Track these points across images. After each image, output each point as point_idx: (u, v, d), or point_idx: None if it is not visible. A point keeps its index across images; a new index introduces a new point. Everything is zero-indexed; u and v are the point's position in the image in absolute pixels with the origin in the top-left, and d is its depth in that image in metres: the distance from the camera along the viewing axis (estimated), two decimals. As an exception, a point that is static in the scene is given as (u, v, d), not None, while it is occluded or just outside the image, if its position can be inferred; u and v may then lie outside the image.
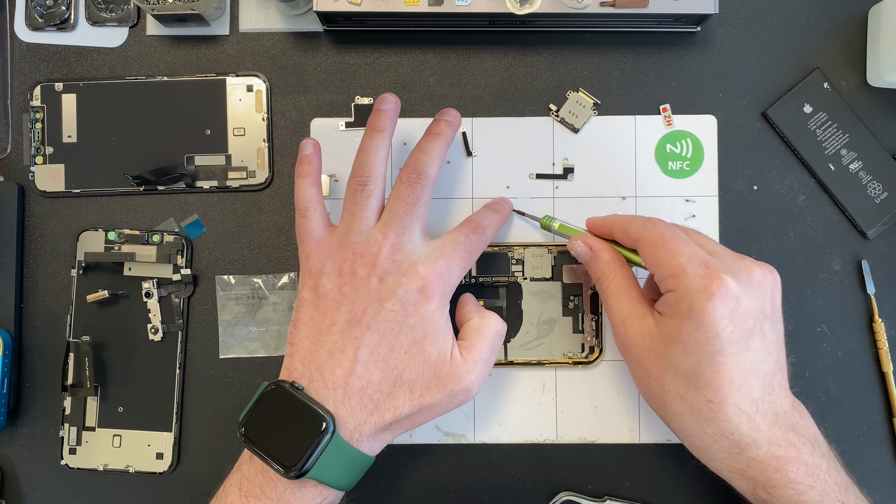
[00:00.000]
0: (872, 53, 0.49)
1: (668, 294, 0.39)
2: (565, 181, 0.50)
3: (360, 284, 0.41)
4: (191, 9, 0.47)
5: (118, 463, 0.48)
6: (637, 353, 0.41)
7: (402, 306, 0.40)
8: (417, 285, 0.40)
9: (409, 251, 0.41)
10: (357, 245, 0.41)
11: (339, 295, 0.41)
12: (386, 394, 0.40)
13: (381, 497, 0.49)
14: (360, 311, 0.40)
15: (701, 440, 0.40)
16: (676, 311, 0.39)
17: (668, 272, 0.39)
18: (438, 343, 0.41)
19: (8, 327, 0.49)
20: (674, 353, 0.39)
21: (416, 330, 0.40)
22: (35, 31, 0.50)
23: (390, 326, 0.40)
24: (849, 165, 0.49)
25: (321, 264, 0.42)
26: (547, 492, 0.49)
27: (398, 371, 0.40)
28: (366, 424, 0.40)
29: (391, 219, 0.42)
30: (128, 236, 0.49)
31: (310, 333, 0.41)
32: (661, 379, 0.40)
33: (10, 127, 0.50)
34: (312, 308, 0.42)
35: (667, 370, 0.39)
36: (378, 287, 0.40)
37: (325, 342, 0.40)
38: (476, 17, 0.46)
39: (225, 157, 0.50)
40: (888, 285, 0.49)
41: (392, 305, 0.40)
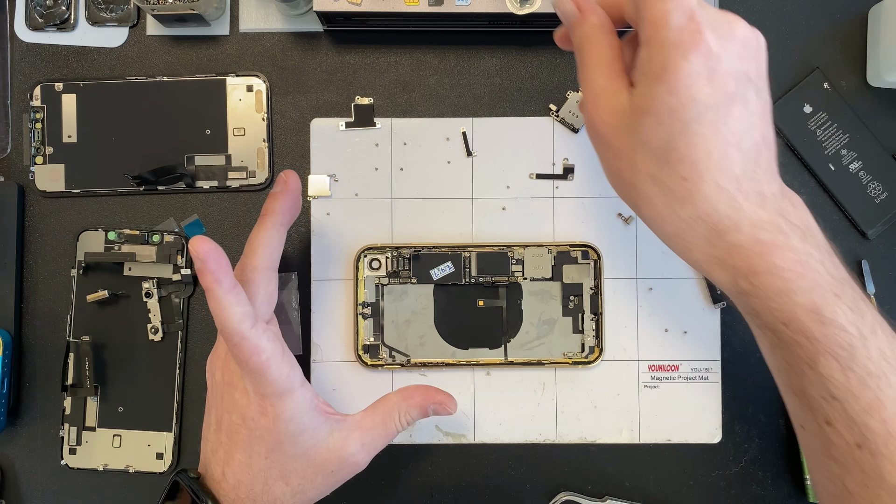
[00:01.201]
0: (872, 53, 0.49)
1: (640, 52, 0.34)
2: (565, 181, 0.50)
3: (217, 390, 0.41)
4: (191, 9, 0.47)
5: (118, 463, 0.48)
6: (606, 132, 0.36)
7: (243, 420, 0.39)
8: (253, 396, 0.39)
9: None
10: (218, 345, 0.42)
11: (211, 395, 0.42)
12: (260, 491, 0.40)
13: (382, 497, 0.49)
14: (220, 418, 0.41)
15: (675, 226, 0.35)
16: (648, 73, 0.33)
17: (650, 16, 0.33)
18: (300, 442, 0.40)
19: (8, 327, 0.49)
20: (645, 126, 0.34)
21: (267, 440, 0.39)
22: (35, 31, 0.50)
23: (241, 437, 0.40)
24: (849, 165, 0.49)
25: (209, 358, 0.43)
26: (547, 492, 0.49)
27: (265, 471, 0.40)
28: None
29: None
30: (128, 236, 0.49)
31: (204, 426, 0.43)
32: (630, 159, 0.35)
33: (10, 127, 0.50)
34: (207, 401, 0.43)
35: (637, 148, 0.34)
36: (226, 397, 0.40)
37: (209, 439, 0.42)
38: (476, 17, 0.46)
39: (225, 157, 0.50)
40: (888, 285, 0.49)
41: (235, 418, 0.40)
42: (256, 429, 0.39)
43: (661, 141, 0.34)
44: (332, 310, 0.49)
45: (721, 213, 0.34)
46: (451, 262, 0.49)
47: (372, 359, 0.49)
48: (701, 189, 0.33)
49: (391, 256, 0.49)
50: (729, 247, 0.34)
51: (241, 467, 0.40)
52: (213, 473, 0.41)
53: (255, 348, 0.37)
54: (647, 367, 0.49)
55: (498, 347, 0.49)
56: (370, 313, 0.49)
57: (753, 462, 0.49)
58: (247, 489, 0.40)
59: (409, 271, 0.49)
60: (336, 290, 0.49)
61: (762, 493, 0.49)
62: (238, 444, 0.40)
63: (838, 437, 0.34)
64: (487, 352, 0.49)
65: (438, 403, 0.44)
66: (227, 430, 0.40)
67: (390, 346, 0.49)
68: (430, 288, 0.49)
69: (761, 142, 0.34)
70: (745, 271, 0.34)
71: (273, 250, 0.41)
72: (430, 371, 0.49)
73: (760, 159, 0.34)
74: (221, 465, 0.40)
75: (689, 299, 0.49)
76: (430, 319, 0.49)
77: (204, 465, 0.42)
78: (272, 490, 0.40)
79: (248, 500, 0.40)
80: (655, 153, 0.34)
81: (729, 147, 0.33)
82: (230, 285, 0.37)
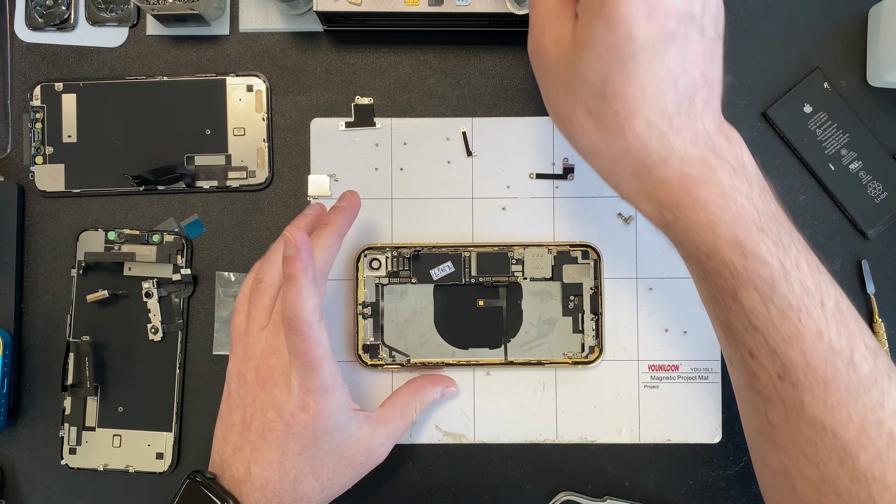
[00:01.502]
0: (872, 53, 0.49)
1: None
2: (565, 181, 0.50)
3: (247, 390, 0.41)
4: (191, 9, 0.47)
5: (118, 463, 0.48)
6: (548, 59, 0.36)
7: (280, 416, 0.40)
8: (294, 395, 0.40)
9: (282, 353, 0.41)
10: (248, 346, 0.42)
11: (237, 396, 0.42)
12: (289, 489, 0.40)
13: (382, 497, 0.49)
14: (248, 417, 0.41)
15: (608, 159, 0.35)
16: (588, 7, 0.33)
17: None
18: (336, 437, 0.41)
19: (8, 327, 0.49)
20: (583, 60, 0.34)
21: (304, 436, 0.40)
22: (35, 31, 0.50)
23: (276, 434, 0.40)
24: (849, 165, 0.49)
25: (230, 361, 0.43)
26: (547, 492, 0.49)
27: (296, 469, 0.40)
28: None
29: (275, 320, 0.41)
30: (128, 236, 0.49)
31: (221, 428, 0.42)
32: (569, 90, 0.35)
33: (10, 127, 0.50)
34: (225, 403, 0.43)
35: (575, 80, 0.34)
36: (260, 394, 0.41)
37: (229, 440, 0.41)
38: (476, 17, 0.46)
39: (225, 157, 0.50)
40: (888, 285, 0.49)
41: (271, 415, 0.40)
42: (294, 424, 0.40)
43: (597, 76, 0.34)
44: (332, 310, 0.49)
45: (650, 149, 0.34)
46: (451, 262, 0.49)
47: (372, 359, 0.49)
48: (632, 125, 0.34)
49: (391, 256, 0.49)
50: (656, 181, 0.35)
51: (271, 465, 0.40)
52: (234, 474, 0.41)
53: (317, 341, 0.39)
54: (647, 367, 0.49)
55: (498, 347, 0.49)
56: (370, 313, 0.49)
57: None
58: (275, 487, 0.40)
59: (409, 271, 0.49)
60: (336, 290, 0.49)
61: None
62: (271, 441, 0.40)
63: (761, 369, 0.35)
64: (487, 352, 0.49)
65: (444, 386, 0.47)
66: (257, 428, 0.40)
67: (390, 346, 0.49)
68: (430, 288, 0.49)
69: (700, 80, 0.34)
70: (670, 204, 0.35)
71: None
72: (430, 371, 0.49)
73: (698, 97, 0.34)
74: (247, 464, 0.40)
75: (689, 299, 0.49)
76: (430, 319, 0.49)
77: (221, 466, 0.41)
78: (301, 487, 0.40)
79: (274, 499, 0.40)
80: (591, 87, 0.34)
81: (664, 85, 0.33)
82: (312, 276, 0.38)
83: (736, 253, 0.34)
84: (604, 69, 0.33)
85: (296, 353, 0.39)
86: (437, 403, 0.49)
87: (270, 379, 0.40)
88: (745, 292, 0.34)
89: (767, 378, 0.35)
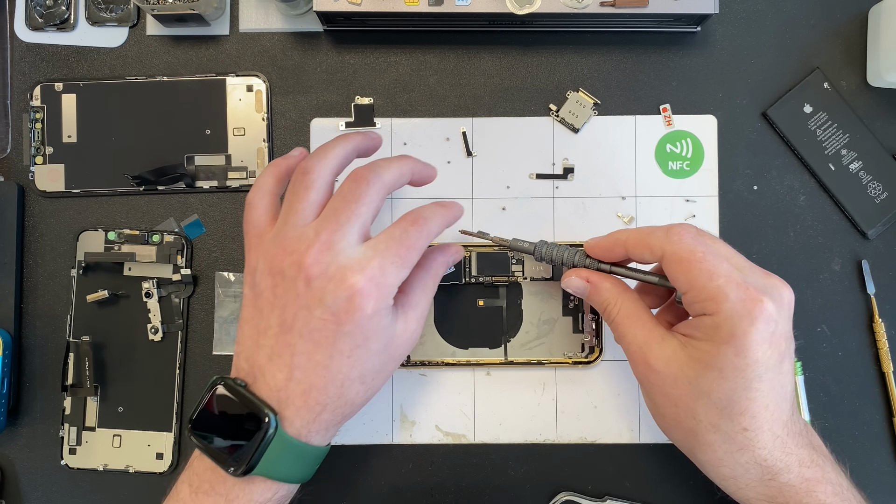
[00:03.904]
0: (872, 53, 0.49)
1: (703, 318, 0.37)
2: (565, 181, 0.50)
3: (288, 287, 0.37)
4: (191, 9, 0.47)
5: (118, 463, 0.48)
6: (661, 381, 0.38)
7: (333, 314, 0.37)
8: (347, 292, 0.36)
9: (340, 251, 0.37)
10: (288, 241, 0.38)
11: (272, 296, 0.38)
12: (334, 395, 0.38)
13: (382, 497, 0.49)
14: (290, 317, 0.37)
15: (732, 470, 0.38)
16: (714, 336, 0.36)
17: (706, 295, 0.37)
18: (383, 337, 0.38)
19: (8, 327, 0.49)
20: (707, 379, 0.37)
21: (355, 335, 0.37)
22: (35, 31, 0.50)
23: (324, 335, 0.37)
24: (849, 165, 0.49)
25: (256, 260, 0.39)
26: (547, 492, 0.49)
27: (343, 373, 0.38)
28: (315, 422, 0.38)
29: (326, 215, 0.38)
30: (128, 236, 0.49)
31: (251, 333, 0.39)
32: (690, 408, 0.38)
33: (10, 127, 0.50)
34: (252, 307, 0.39)
35: (698, 398, 0.37)
36: (306, 292, 0.37)
37: (264, 345, 0.38)
38: (476, 17, 0.46)
39: (225, 157, 0.50)
40: (888, 285, 0.49)
41: (322, 314, 0.37)
42: (348, 323, 0.37)
43: (723, 394, 0.37)
44: (332, 310, 0.49)
45: (776, 458, 0.37)
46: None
47: (372, 359, 0.48)
48: (760, 438, 0.37)
49: (391, 256, 0.49)
50: (781, 486, 0.38)
51: (316, 369, 0.37)
52: (271, 381, 0.37)
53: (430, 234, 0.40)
54: (647, 367, 0.49)
55: (498, 347, 0.49)
56: (370, 313, 0.49)
57: (753, 462, 0.49)
58: (319, 394, 0.37)
59: (409, 271, 0.49)
60: (336, 290, 0.49)
61: (762, 493, 0.49)
62: (318, 342, 0.37)
63: None
64: (487, 352, 0.49)
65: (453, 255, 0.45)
66: (301, 329, 0.37)
67: (390, 346, 0.49)
68: (430, 288, 0.49)
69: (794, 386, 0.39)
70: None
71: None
72: (430, 370, 0.49)
73: (794, 401, 0.39)
74: (287, 370, 0.37)
75: (689, 299, 0.49)
76: (430, 319, 0.49)
77: (252, 374, 0.38)
78: (347, 392, 0.38)
79: (317, 407, 0.38)
80: (717, 405, 0.37)
81: (781, 399, 0.37)
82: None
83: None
84: (731, 389, 0.36)
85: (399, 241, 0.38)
86: (437, 404, 0.49)
87: (324, 274, 0.37)
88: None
89: None
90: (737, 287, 0.36)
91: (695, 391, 0.37)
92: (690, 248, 0.37)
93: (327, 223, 0.38)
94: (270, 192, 0.41)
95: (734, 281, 0.36)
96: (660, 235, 0.38)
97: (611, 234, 0.42)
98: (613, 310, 0.41)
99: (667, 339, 0.39)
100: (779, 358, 0.37)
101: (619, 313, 0.41)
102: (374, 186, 0.38)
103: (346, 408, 0.39)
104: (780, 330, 0.37)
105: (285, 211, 0.39)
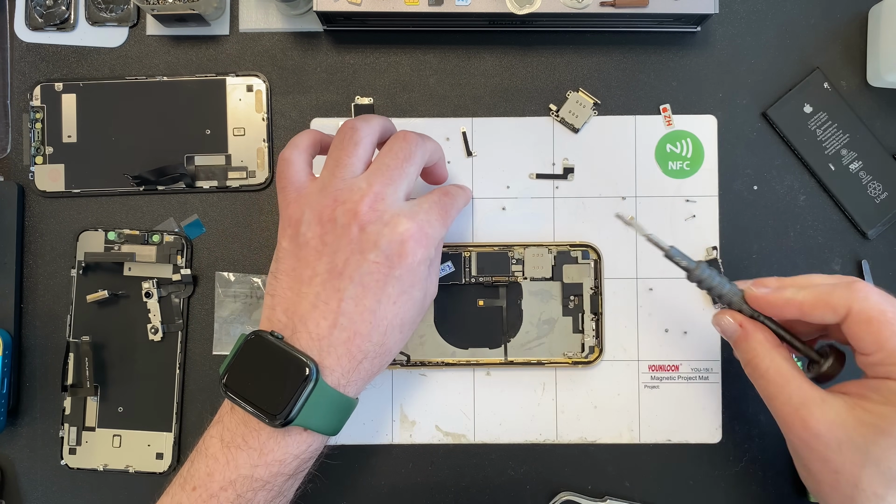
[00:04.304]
0: (872, 53, 0.49)
1: (886, 381, 0.36)
2: (565, 181, 0.50)
3: (341, 233, 0.38)
4: (191, 9, 0.47)
5: (118, 463, 0.48)
6: (823, 446, 0.36)
7: (387, 258, 0.38)
8: (400, 237, 0.38)
9: (392, 203, 0.39)
10: (339, 192, 0.39)
11: (321, 244, 0.39)
12: (377, 343, 0.39)
13: (382, 497, 0.49)
14: (341, 262, 0.38)
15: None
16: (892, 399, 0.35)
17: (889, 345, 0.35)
18: (425, 286, 0.40)
19: (8, 327, 0.49)
20: (880, 446, 0.34)
21: (404, 280, 0.39)
22: (35, 31, 0.50)
23: (375, 279, 0.38)
24: (849, 165, 0.49)
25: (301, 212, 0.40)
26: (547, 492, 0.49)
27: (388, 320, 0.39)
28: (354, 371, 0.39)
29: (378, 168, 0.40)
30: (128, 236, 0.49)
31: (291, 284, 0.39)
32: (854, 476, 0.35)
33: (10, 127, 0.50)
34: (293, 258, 0.39)
35: (864, 466, 0.35)
36: (359, 237, 0.38)
37: (308, 293, 0.38)
38: (476, 17, 0.46)
39: (225, 157, 0.50)
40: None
41: (375, 257, 0.38)
42: (399, 266, 0.38)
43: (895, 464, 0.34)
44: (332, 310, 0.49)
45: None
46: (451, 262, 0.49)
47: (372, 359, 0.48)
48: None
49: (391, 256, 0.49)
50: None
51: (363, 315, 0.38)
52: (314, 330, 0.38)
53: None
54: (648, 367, 0.49)
55: (498, 347, 0.49)
56: (370, 313, 0.49)
57: (753, 462, 0.49)
58: (362, 341, 0.38)
59: (409, 271, 0.49)
60: (336, 290, 0.49)
61: (762, 493, 0.49)
62: (369, 286, 0.38)
63: None
64: (487, 352, 0.49)
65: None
66: (352, 273, 0.38)
67: (390, 346, 0.49)
68: (430, 288, 0.49)
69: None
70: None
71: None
72: (430, 370, 0.49)
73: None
74: (333, 317, 0.38)
75: (689, 299, 0.49)
76: (430, 319, 0.49)
77: (291, 325, 0.38)
78: (388, 340, 0.39)
79: (359, 355, 0.38)
80: (886, 474, 0.35)
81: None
82: None
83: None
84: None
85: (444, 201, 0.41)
86: (437, 404, 0.49)
87: (379, 220, 0.38)
88: None
89: None
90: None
91: (862, 458, 0.35)
92: (881, 308, 0.36)
93: (380, 175, 0.39)
94: (306, 151, 0.42)
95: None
96: (842, 294, 0.36)
97: (781, 292, 0.39)
98: (763, 364, 0.38)
99: (828, 401, 0.36)
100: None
101: (770, 370, 0.38)
102: (421, 150, 0.41)
103: (384, 356, 0.40)
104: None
105: (332, 165, 0.40)
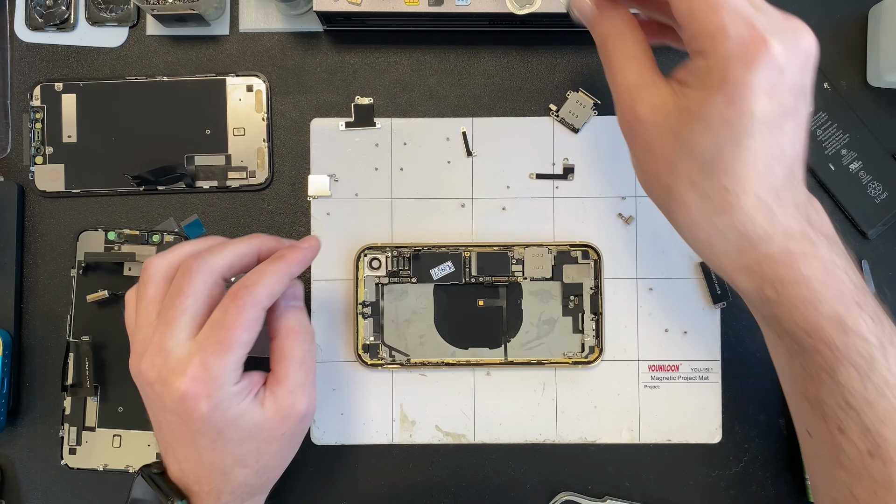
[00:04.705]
0: (872, 53, 0.49)
1: (696, 58, 0.33)
2: (565, 181, 0.50)
3: (143, 391, 0.39)
4: (191, 9, 0.47)
5: (118, 463, 0.48)
6: (645, 131, 0.34)
7: (176, 416, 0.37)
8: (177, 395, 0.36)
9: (169, 352, 0.37)
10: (136, 344, 0.39)
11: (143, 396, 0.40)
12: (221, 481, 0.38)
13: (382, 497, 0.49)
14: (157, 419, 0.39)
15: (707, 234, 0.34)
16: (705, 80, 0.32)
17: (704, 28, 0.32)
18: (242, 423, 0.37)
19: (8, 327, 0.49)
20: (692, 131, 0.33)
21: (207, 432, 0.37)
22: (35, 31, 0.50)
23: (181, 435, 0.38)
24: (849, 165, 0.49)
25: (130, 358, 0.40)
26: (547, 492, 0.49)
27: (217, 462, 0.38)
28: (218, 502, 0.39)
29: (160, 314, 0.38)
30: (128, 236, 0.49)
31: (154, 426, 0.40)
32: (671, 162, 0.34)
33: (10, 127, 0.50)
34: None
35: (679, 151, 0.33)
36: (153, 395, 0.38)
37: (158, 439, 0.40)
38: (476, 17, 0.46)
39: (225, 157, 0.50)
40: (888, 285, 0.49)
41: (169, 416, 0.37)
42: (190, 423, 0.37)
43: (707, 149, 0.33)
44: (332, 309, 0.49)
45: (757, 225, 0.33)
46: (451, 262, 0.49)
47: (372, 358, 0.49)
48: (742, 201, 0.33)
49: (391, 256, 0.49)
50: (759, 257, 0.34)
51: (191, 462, 0.38)
52: (172, 471, 0.39)
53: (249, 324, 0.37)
54: (647, 367, 0.49)
55: (498, 347, 0.49)
56: (370, 313, 0.49)
57: (753, 462, 0.49)
58: (207, 482, 0.38)
59: (409, 271, 0.49)
60: (336, 290, 0.49)
61: (762, 493, 0.49)
62: (182, 440, 0.38)
63: (850, 444, 0.34)
64: (487, 352, 0.49)
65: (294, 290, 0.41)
66: (166, 430, 0.38)
67: (390, 346, 0.49)
68: (430, 287, 0.49)
69: (801, 151, 0.34)
70: (773, 280, 0.34)
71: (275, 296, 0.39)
72: (430, 371, 0.49)
73: (796, 169, 0.34)
74: (177, 462, 0.39)
75: (689, 299, 0.49)
76: (430, 319, 0.49)
77: (165, 462, 0.40)
78: (233, 478, 0.38)
79: (213, 493, 0.38)
80: (699, 160, 0.33)
81: (775, 161, 0.33)
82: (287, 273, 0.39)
83: (837, 330, 0.33)
84: (716, 143, 0.32)
85: (219, 324, 0.36)
86: (437, 404, 0.49)
87: (158, 379, 0.37)
88: (844, 370, 0.33)
89: (857, 454, 0.34)
90: (741, 23, 0.31)
91: (678, 143, 0.33)
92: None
93: (159, 324, 0.37)
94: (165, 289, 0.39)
95: (740, 16, 0.31)
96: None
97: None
98: (612, 43, 0.36)
99: (660, 87, 0.34)
100: (780, 113, 0.32)
101: (617, 49, 0.36)
102: (198, 276, 0.37)
103: (242, 488, 0.39)
104: (788, 81, 0.32)
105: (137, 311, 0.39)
